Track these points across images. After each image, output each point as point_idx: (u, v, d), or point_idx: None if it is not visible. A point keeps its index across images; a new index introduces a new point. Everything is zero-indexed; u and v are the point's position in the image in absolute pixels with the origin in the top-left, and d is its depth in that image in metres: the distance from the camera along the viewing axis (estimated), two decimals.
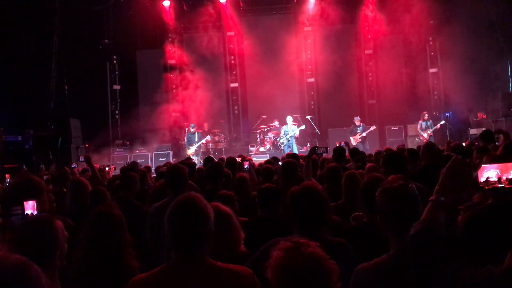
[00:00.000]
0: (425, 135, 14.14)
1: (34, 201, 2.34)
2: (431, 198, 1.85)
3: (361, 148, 12.01)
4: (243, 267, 2.05)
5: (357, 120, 14.84)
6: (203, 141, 14.54)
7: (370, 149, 13.46)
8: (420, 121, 14.62)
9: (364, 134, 14.38)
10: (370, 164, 5.46)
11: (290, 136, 14.33)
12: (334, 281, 1.64)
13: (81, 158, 12.38)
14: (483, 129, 13.21)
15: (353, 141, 14.26)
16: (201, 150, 14.73)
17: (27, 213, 2.52)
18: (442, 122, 14.44)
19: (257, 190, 3.85)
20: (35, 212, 2.45)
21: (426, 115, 14.62)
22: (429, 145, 5.61)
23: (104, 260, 2.42)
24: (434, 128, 14.24)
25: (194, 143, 14.45)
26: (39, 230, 2.05)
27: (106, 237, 2.47)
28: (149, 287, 1.93)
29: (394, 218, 2.07)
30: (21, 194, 3.05)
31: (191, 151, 14.35)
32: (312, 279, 1.60)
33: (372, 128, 14.59)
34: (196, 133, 14.57)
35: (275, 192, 3.55)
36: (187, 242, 1.95)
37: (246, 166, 5.95)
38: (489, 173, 2.16)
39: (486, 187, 2.16)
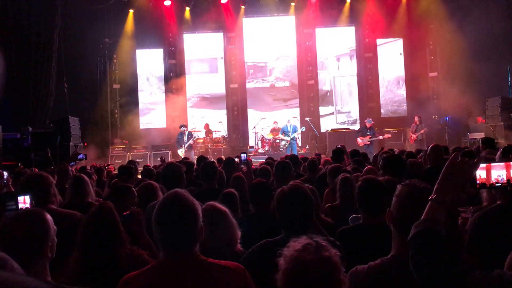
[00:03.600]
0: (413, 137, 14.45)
1: (28, 196, 2.34)
2: (430, 198, 1.82)
3: (364, 150, 11.99)
4: (234, 263, 2.04)
5: (368, 122, 14.53)
6: (191, 141, 14.52)
7: (373, 152, 13.40)
8: (413, 125, 14.79)
9: (373, 139, 14.24)
10: (369, 166, 5.45)
11: (291, 139, 14.32)
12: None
13: (80, 156, 12.39)
14: (482, 133, 13.37)
15: (360, 142, 14.12)
16: (193, 151, 14.68)
17: (21, 208, 2.53)
18: (425, 129, 14.45)
19: (248, 187, 3.85)
20: (29, 207, 2.46)
21: (416, 117, 14.75)
22: (435, 148, 5.59)
23: (100, 263, 2.41)
24: (419, 132, 14.32)
25: (183, 143, 14.45)
26: (30, 222, 2.04)
27: (100, 240, 2.45)
28: (139, 285, 1.92)
29: (410, 216, 1.95)
30: (30, 188, 3.12)
31: (181, 153, 14.35)
32: (320, 282, 1.56)
33: (381, 138, 14.50)
34: (186, 134, 14.55)
35: (265, 187, 3.54)
36: (176, 239, 1.93)
37: (243, 157, 5.92)
38: (498, 172, 2.16)
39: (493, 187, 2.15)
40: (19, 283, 0.68)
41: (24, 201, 2.59)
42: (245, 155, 6.26)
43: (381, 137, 14.33)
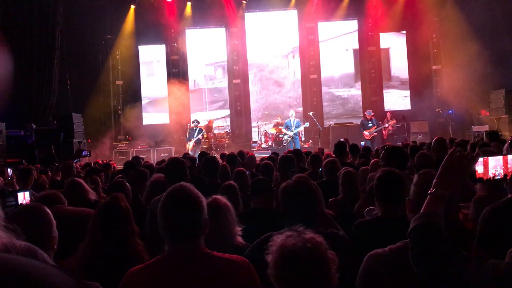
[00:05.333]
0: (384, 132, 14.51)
1: (28, 192, 2.35)
2: (429, 191, 1.82)
3: (367, 145, 11.95)
4: (239, 257, 2.04)
5: (368, 114, 14.43)
6: (199, 136, 14.54)
7: (377, 145, 13.31)
8: (385, 120, 14.92)
9: (379, 128, 14.14)
10: (375, 160, 5.44)
11: (293, 134, 14.31)
12: (332, 271, 1.64)
13: (84, 152, 12.43)
14: (486, 126, 13.31)
15: (368, 134, 14.00)
16: (201, 146, 14.69)
17: (21, 203, 2.54)
18: (389, 124, 14.48)
19: (250, 183, 3.87)
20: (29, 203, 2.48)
21: (388, 113, 15.11)
22: (439, 141, 5.57)
23: (110, 251, 2.43)
24: (380, 128, 14.30)
25: (192, 138, 14.50)
26: (35, 215, 2.06)
27: (112, 229, 2.48)
28: (145, 277, 1.92)
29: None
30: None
31: (189, 146, 14.41)
32: (310, 264, 1.61)
33: (386, 125, 14.38)
34: (197, 129, 14.59)
35: (266, 183, 3.56)
36: (181, 231, 1.94)
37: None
38: (495, 166, 2.14)
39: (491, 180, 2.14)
40: (46, 275, 0.65)
41: (24, 197, 2.60)
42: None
43: (386, 125, 14.23)
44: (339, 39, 18.00)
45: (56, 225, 2.23)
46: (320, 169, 5.92)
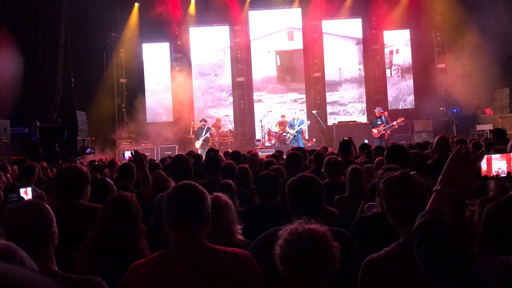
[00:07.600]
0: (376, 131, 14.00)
1: (30, 188, 2.35)
2: (435, 188, 1.84)
3: (378, 143, 11.89)
4: (241, 250, 2.07)
5: (378, 112, 14.23)
6: (208, 134, 14.59)
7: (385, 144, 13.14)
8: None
9: (387, 126, 13.87)
10: (379, 158, 5.41)
11: (296, 131, 14.30)
12: (335, 255, 1.78)
13: (88, 150, 12.46)
14: (490, 125, 13.25)
15: (376, 132, 13.81)
16: (208, 144, 14.73)
17: (22, 198, 2.54)
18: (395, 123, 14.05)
19: (255, 178, 3.86)
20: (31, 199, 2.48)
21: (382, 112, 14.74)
22: (441, 139, 5.54)
23: (116, 246, 2.46)
24: (389, 126, 13.98)
25: (201, 137, 14.55)
26: (35, 211, 2.08)
27: (121, 223, 2.51)
28: (148, 271, 1.95)
29: (399, 206, 2.07)
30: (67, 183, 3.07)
31: (197, 145, 14.46)
32: (313, 246, 1.76)
33: (395, 123, 14.14)
34: (205, 128, 14.64)
35: (272, 179, 3.54)
36: (185, 223, 1.97)
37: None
38: (499, 164, 2.14)
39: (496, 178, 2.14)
40: (28, 281, 0.64)
41: (26, 193, 2.60)
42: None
43: (395, 123, 14.05)
44: (342, 37, 17.94)
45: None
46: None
